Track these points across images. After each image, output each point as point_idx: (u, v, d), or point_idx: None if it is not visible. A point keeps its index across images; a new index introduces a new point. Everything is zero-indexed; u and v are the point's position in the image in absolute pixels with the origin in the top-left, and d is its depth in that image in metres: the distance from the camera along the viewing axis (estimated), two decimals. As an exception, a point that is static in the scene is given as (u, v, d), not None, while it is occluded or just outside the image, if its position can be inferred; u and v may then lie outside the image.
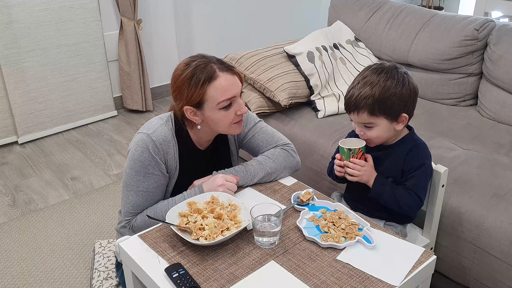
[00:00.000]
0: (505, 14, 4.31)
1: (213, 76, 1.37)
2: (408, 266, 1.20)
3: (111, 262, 1.75)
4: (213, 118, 1.42)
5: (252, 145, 1.63)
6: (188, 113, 1.42)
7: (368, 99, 1.40)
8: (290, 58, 2.46)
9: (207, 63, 1.40)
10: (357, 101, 1.42)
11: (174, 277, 1.15)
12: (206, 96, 1.38)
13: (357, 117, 1.45)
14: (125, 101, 3.63)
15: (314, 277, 1.17)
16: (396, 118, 1.44)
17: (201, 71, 1.38)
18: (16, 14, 2.95)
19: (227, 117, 1.42)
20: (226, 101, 1.40)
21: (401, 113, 1.43)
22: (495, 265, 1.65)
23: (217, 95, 1.38)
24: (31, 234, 2.31)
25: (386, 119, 1.43)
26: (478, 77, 2.43)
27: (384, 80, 1.40)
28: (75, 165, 2.95)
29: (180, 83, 1.40)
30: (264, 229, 1.26)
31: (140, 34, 3.46)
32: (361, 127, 1.48)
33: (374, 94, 1.39)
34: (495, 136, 2.15)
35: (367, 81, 1.42)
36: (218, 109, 1.40)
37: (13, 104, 3.10)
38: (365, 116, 1.43)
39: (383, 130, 1.45)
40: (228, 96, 1.39)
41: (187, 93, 1.38)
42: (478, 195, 1.74)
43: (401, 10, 2.67)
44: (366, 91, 1.40)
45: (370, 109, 1.41)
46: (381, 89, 1.39)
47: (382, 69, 1.43)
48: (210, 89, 1.37)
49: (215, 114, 1.41)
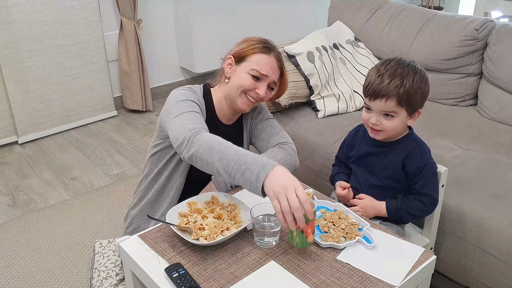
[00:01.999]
0: (505, 14, 4.31)
1: (267, 52, 1.57)
2: (408, 266, 1.20)
3: (111, 262, 1.75)
4: (238, 75, 1.57)
5: (259, 136, 1.69)
6: (227, 62, 1.60)
7: (399, 88, 1.41)
8: (290, 58, 2.46)
9: (271, 42, 1.61)
10: (389, 88, 1.42)
11: (174, 277, 1.15)
12: (249, 58, 1.56)
13: (383, 105, 1.43)
14: (125, 101, 3.63)
15: (314, 277, 1.17)
16: (413, 113, 1.47)
17: (265, 43, 1.59)
18: (16, 14, 2.95)
19: (248, 81, 1.55)
20: (257, 72, 1.54)
21: (418, 109, 1.46)
22: (495, 265, 1.65)
23: (256, 63, 1.55)
24: (31, 234, 2.31)
25: (407, 111, 1.45)
26: (478, 77, 2.43)
27: (413, 73, 1.42)
28: (75, 165, 2.95)
29: (245, 40, 1.61)
30: (264, 229, 1.26)
31: (140, 34, 3.46)
32: (379, 117, 1.46)
33: (405, 85, 1.41)
34: (495, 136, 2.15)
35: (396, 71, 1.43)
36: (249, 72, 1.55)
37: (13, 104, 3.10)
38: (392, 104, 1.42)
39: (400, 123, 1.47)
40: (263, 71, 1.54)
41: (242, 47, 1.58)
42: (478, 195, 1.74)
43: (401, 10, 2.67)
44: (397, 79, 1.41)
45: (399, 98, 1.42)
46: (411, 81, 1.41)
47: (407, 63, 1.45)
48: (257, 55, 1.56)
49: (242, 73, 1.56)
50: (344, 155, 1.70)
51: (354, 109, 2.44)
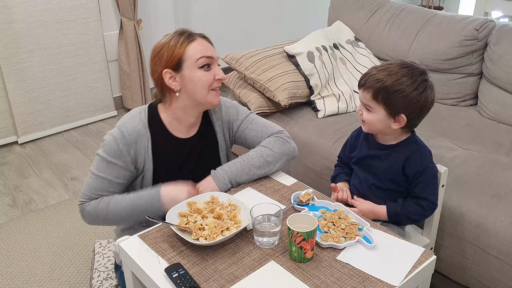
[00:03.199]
0: (505, 14, 4.31)
1: (191, 37, 1.43)
2: (408, 266, 1.20)
3: (111, 262, 1.75)
4: (192, 79, 1.43)
5: (247, 136, 1.62)
6: (167, 78, 1.43)
7: (377, 82, 1.41)
8: (290, 58, 2.46)
9: (184, 30, 1.46)
10: (368, 79, 1.43)
11: (174, 277, 1.15)
12: (185, 55, 1.41)
13: (362, 95, 1.47)
14: (125, 101, 3.63)
15: (314, 277, 1.17)
16: (395, 116, 1.44)
17: (180, 35, 1.44)
18: (16, 14, 2.95)
19: (206, 78, 1.43)
20: (205, 59, 1.42)
21: (400, 113, 1.43)
22: (495, 265, 1.65)
23: (196, 53, 1.42)
24: (31, 234, 2.31)
25: (385, 111, 1.44)
26: (478, 77, 2.43)
27: (402, 75, 1.41)
28: (75, 165, 2.95)
29: (159, 48, 1.44)
30: (264, 229, 1.26)
31: (140, 34, 3.46)
32: (361, 106, 1.50)
33: (385, 81, 1.41)
34: (495, 136, 2.15)
35: (388, 68, 1.43)
36: (198, 68, 1.42)
37: (13, 104, 3.10)
38: (368, 96, 1.44)
39: (378, 120, 1.46)
40: (207, 54, 1.43)
41: (167, 55, 1.41)
42: (478, 195, 1.74)
43: (401, 10, 2.67)
44: (381, 75, 1.42)
45: (374, 92, 1.42)
46: (394, 81, 1.40)
47: (409, 67, 1.43)
48: (189, 48, 1.42)
49: (195, 73, 1.42)
50: (346, 156, 1.70)
51: (354, 109, 2.44)
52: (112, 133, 1.46)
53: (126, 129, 1.45)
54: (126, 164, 1.46)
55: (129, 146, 1.45)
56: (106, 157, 1.44)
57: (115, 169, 1.45)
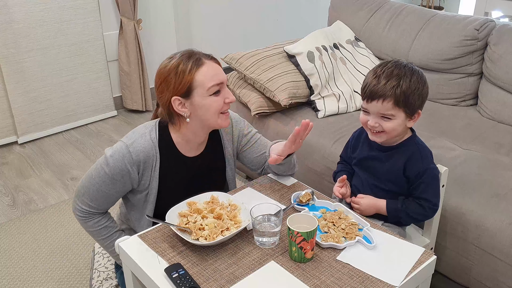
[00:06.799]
0: (505, 14, 4.31)
1: (200, 62, 1.37)
2: (408, 266, 1.20)
3: (111, 263, 1.75)
4: (203, 105, 1.38)
5: (253, 149, 1.61)
6: (176, 105, 1.38)
7: (396, 89, 1.40)
8: (290, 58, 2.46)
9: (191, 52, 1.40)
10: (385, 88, 1.41)
11: (174, 277, 1.15)
12: (196, 82, 1.36)
13: (380, 106, 1.42)
14: (125, 101, 3.63)
15: (314, 277, 1.17)
16: (413, 114, 1.45)
17: (187, 59, 1.37)
18: (16, 14, 2.95)
19: (217, 103, 1.39)
20: (216, 86, 1.38)
21: (418, 110, 1.45)
22: (496, 265, 1.64)
23: (207, 80, 1.36)
24: (31, 234, 2.31)
25: (405, 113, 1.43)
26: (478, 77, 2.43)
27: (410, 74, 1.42)
28: (75, 165, 2.95)
29: (166, 74, 1.37)
30: (264, 229, 1.26)
31: (140, 34, 3.46)
32: (377, 118, 1.45)
33: (401, 85, 1.40)
34: (495, 136, 2.14)
35: (392, 73, 1.42)
36: (209, 95, 1.38)
37: (13, 104, 3.10)
38: (389, 105, 1.41)
39: (399, 124, 1.45)
40: (218, 81, 1.38)
41: (175, 82, 1.36)
42: (478, 195, 1.74)
43: (401, 10, 2.67)
44: (394, 80, 1.40)
45: (396, 99, 1.40)
46: (408, 82, 1.41)
47: (404, 65, 1.44)
48: (198, 74, 1.36)
49: (205, 101, 1.38)
50: (347, 156, 1.69)
51: (354, 109, 2.44)
52: (120, 151, 1.40)
53: (134, 150, 1.40)
54: (130, 181, 1.44)
55: (136, 167, 1.42)
56: (111, 174, 1.41)
57: (117, 185, 1.43)
